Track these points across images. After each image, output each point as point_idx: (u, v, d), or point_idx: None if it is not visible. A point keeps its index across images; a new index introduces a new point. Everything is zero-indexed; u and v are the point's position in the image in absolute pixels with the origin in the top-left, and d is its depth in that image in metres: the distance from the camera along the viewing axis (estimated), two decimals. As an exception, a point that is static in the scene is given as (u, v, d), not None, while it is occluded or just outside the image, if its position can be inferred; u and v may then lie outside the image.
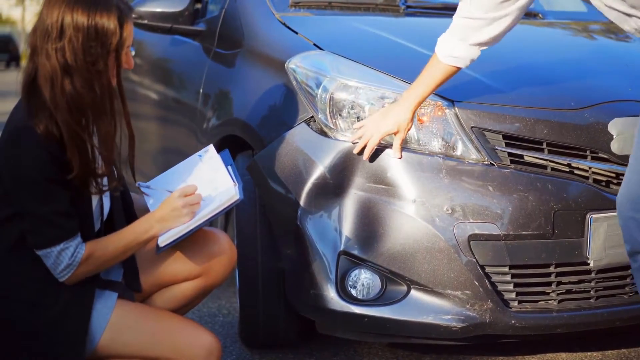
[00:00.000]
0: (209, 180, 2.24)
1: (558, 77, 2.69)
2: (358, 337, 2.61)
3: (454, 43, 2.38)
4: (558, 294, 2.48)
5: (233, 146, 2.80)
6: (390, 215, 2.40)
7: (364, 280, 2.44)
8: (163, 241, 2.11)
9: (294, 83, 2.63)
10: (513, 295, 2.43)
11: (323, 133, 2.52)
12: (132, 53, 2.11)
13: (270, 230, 2.63)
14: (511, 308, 2.42)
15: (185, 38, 3.57)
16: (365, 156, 2.41)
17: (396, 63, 2.66)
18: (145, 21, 3.40)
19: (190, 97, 3.39)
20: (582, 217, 2.42)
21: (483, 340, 2.52)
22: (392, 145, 2.42)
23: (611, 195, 2.43)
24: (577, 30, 3.37)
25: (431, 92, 2.42)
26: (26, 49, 2.07)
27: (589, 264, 2.46)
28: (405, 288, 2.42)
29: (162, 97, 3.88)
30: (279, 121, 2.65)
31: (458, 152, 2.45)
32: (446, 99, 2.48)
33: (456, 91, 2.49)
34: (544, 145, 2.46)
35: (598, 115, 2.50)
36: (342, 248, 2.42)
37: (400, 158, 2.40)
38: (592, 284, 2.50)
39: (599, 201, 2.44)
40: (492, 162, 2.43)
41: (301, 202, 2.48)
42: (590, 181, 2.46)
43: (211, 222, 2.23)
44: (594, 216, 2.42)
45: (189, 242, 2.21)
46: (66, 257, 2.01)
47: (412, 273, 2.38)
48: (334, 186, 2.45)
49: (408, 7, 3.32)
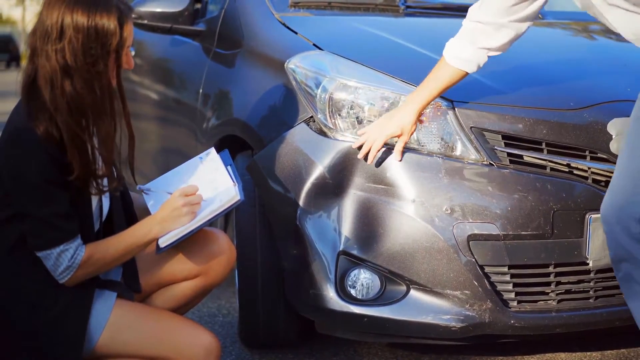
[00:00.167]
0: (209, 181, 2.24)
1: (557, 78, 2.69)
2: (357, 337, 2.61)
3: (462, 45, 2.38)
4: (557, 294, 2.48)
5: (233, 146, 2.80)
6: (389, 215, 2.40)
7: (364, 280, 2.44)
8: (163, 242, 2.11)
9: (294, 83, 2.63)
10: (512, 295, 2.43)
11: (322, 133, 2.52)
12: (132, 53, 2.10)
13: (269, 230, 2.63)
14: (510, 308, 2.42)
15: (185, 38, 3.57)
16: (369, 160, 2.41)
17: (395, 63, 2.66)
18: (145, 21, 3.41)
19: (190, 97, 3.38)
20: (582, 217, 2.43)
21: (482, 340, 2.52)
22: (395, 146, 2.42)
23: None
24: (577, 30, 3.36)
25: (436, 96, 2.42)
26: (26, 50, 2.07)
27: (588, 264, 2.46)
28: (404, 288, 2.42)
29: (162, 97, 3.88)
30: (279, 121, 2.65)
31: (457, 152, 2.45)
32: (445, 99, 2.48)
33: (456, 91, 2.48)
34: (543, 145, 2.46)
35: (597, 115, 2.50)
36: (342, 248, 2.42)
37: (400, 161, 2.41)
38: (592, 284, 2.50)
39: (598, 201, 2.41)
40: (492, 162, 2.43)
41: (301, 202, 2.48)
42: (589, 181, 2.46)
43: (211, 223, 2.23)
44: (593, 216, 2.42)
45: (189, 242, 2.22)
46: (66, 259, 2.01)
47: (412, 273, 2.39)
48: (334, 186, 2.45)
49: (407, 7, 3.32)
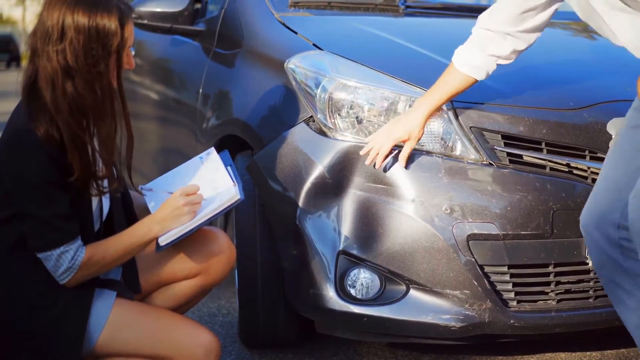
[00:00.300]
0: (209, 181, 2.25)
1: (557, 77, 2.69)
2: (357, 337, 2.61)
3: (472, 52, 2.38)
4: (557, 294, 2.48)
5: (232, 146, 2.80)
6: (389, 214, 2.40)
7: (363, 279, 2.44)
8: (163, 240, 2.11)
9: (293, 83, 2.63)
10: (512, 294, 2.43)
11: (322, 133, 2.52)
12: (132, 53, 2.10)
13: (269, 230, 2.63)
14: (510, 308, 2.42)
15: (185, 38, 3.58)
16: (377, 165, 2.41)
17: (395, 63, 2.66)
18: (145, 21, 3.41)
19: (189, 97, 3.39)
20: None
21: (482, 340, 2.52)
22: (401, 150, 2.41)
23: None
24: (577, 30, 3.36)
25: (444, 102, 2.42)
26: (27, 51, 2.07)
27: (588, 264, 2.46)
28: (404, 288, 2.42)
29: (162, 97, 3.88)
30: (279, 121, 2.65)
31: (457, 152, 2.45)
32: (445, 99, 2.48)
33: (455, 91, 2.48)
34: (543, 145, 2.46)
35: (597, 115, 2.50)
36: (342, 248, 2.42)
37: (405, 167, 2.40)
38: (591, 284, 2.50)
39: (598, 201, 2.44)
40: (491, 162, 2.43)
41: (300, 202, 2.48)
42: (589, 181, 2.45)
43: (210, 222, 2.23)
44: None
45: (189, 241, 2.22)
46: (66, 260, 2.01)
47: (411, 273, 2.39)
48: (333, 186, 2.45)
49: (407, 7, 3.32)
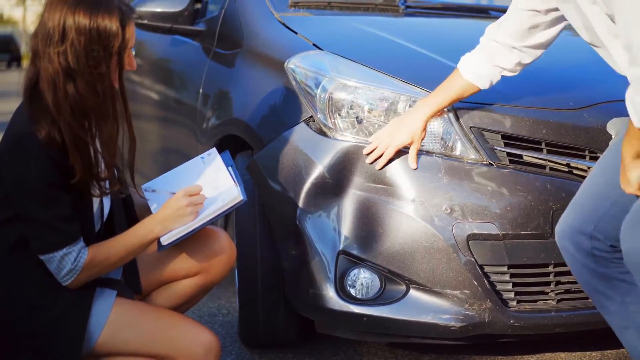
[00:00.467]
0: (211, 181, 2.25)
1: (557, 77, 2.69)
2: (357, 337, 2.61)
3: (478, 61, 2.38)
4: (557, 294, 2.48)
5: (233, 146, 2.80)
6: (389, 214, 2.40)
7: (363, 279, 2.44)
8: (165, 240, 2.12)
9: (293, 83, 2.63)
10: (512, 294, 2.43)
11: (322, 133, 2.52)
12: (133, 53, 2.10)
13: (269, 229, 2.63)
14: (510, 308, 2.42)
15: (185, 38, 3.58)
16: (378, 166, 2.41)
17: (395, 63, 2.66)
18: (145, 21, 3.41)
19: (190, 97, 3.39)
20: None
21: (482, 339, 2.52)
22: (402, 150, 2.42)
23: None
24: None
25: (446, 106, 2.43)
26: (28, 52, 2.07)
27: (588, 264, 2.46)
28: (404, 287, 2.42)
29: (162, 97, 3.88)
30: (279, 121, 2.65)
31: (457, 152, 2.45)
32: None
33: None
34: (543, 145, 2.46)
35: (596, 115, 2.50)
36: (341, 247, 2.42)
37: (416, 168, 2.40)
38: (591, 284, 2.50)
39: (598, 201, 2.44)
40: (491, 162, 2.43)
41: (300, 202, 2.48)
42: (589, 181, 2.46)
43: (212, 222, 2.23)
44: None
45: (190, 240, 2.22)
46: (69, 262, 2.01)
47: (411, 272, 2.39)
48: (333, 186, 2.45)
49: (407, 7, 3.32)
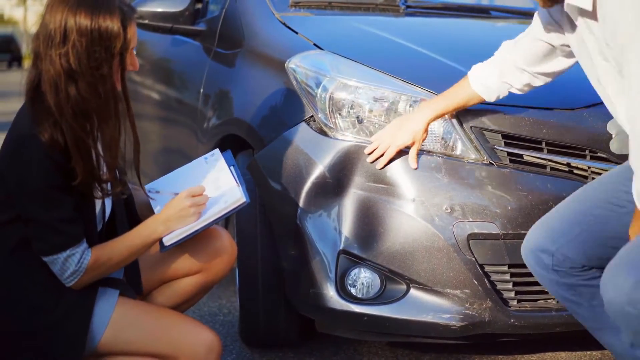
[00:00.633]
0: (213, 181, 2.25)
1: (557, 77, 2.68)
2: (358, 336, 2.61)
3: (489, 73, 2.39)
4: (557, 293, 2.48)
5: (233, 146, 2.80)
6: (389, 214, 2.40)
7: (364, 279, 2.44)
8: (168, 240, 2.12)
9: (294, 83, 2.64)
10: (512, 294, 2.43)
11: (323, 132, 2.52)
12: (135, 54, 2.10)
13: (270, 229, 2.64)
14: (510, 307, 2.42)
15: (185, 38, 3.58)
16: (379, 165, 2.41)
17: (396, 63, 2.66)
18: (146, 21, 3.41)
19: (190, 97, 3.39)
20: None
21: (482, 339, 2.52)
22: (403, 150, 2.42)
23: None
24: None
25: (449, 112, 2.43)
26: (29, 53, 2.07)
27: (588, 263, 2.46)
28: (404, 287, 2.42)
29: (163, 97, 3.88)
30: (279, 121, 2.65)
31: (457, 152, 2.45)
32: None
33: (456, 90, 2.49)
34: (543, 144, 2.47)
35: (597, 115, 2.50)
36: (342, 247, 2.42)
37: (416, 168, 2.41)
38: (591, 283, 2.50)
39: (598, 200, 2.44)
40: (492, 162, 2.43)
41: (301, 202, 2.48)
42: (589, 180, 2.45)
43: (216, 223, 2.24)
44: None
45: (191, 239, 2.21)
46: (72, 264, 2.01)
47: (412, 272, 2.39)
48: (334, 185, 2.45)
49: (408, 7, 3.33)
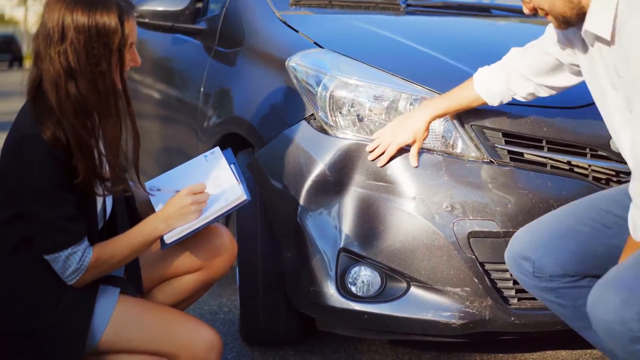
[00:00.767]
0: (214, 179, 2.25)
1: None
2: (358, 334, 2.61)
3: (494, 77, 2.38)
4: (557, 291, 2.48)
5: (233, 144, 2.81)
6: (390, 212, 2.40)
7: (364, 277, 2.44)
8: (169, 238, 2.12)
9: (294, 81, 2.64)
10: (512, 292, 2.43)
11: (323, 131, 2.52)
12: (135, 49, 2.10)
13: (270, 227, 2.64)
14: (511, 305, 2.42)
15: (186, 37, 3.58)
16: (380, 163, 2.41)
17: (396, 61, 2.66)
18: (146, 20, 3.41)
19: (191, 96, 3.39)
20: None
21: (483, 337, 2.52)
22: (404, 149, 2.42)
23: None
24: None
25: (451, 112, 2.43)
26: (30, 52, 2.07)
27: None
28: (405, 285, 2.42)
29: (163, 96, 3.88)
30: (280, 119, 2.66)
31: (458, 150, 2.45)
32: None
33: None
34: (544, 143, 2.46)
35: (597, 113, 2.48)
36: (342, 245, 2.42)
37: (417, 166, 2.41)
38: (592, 281, 2.50)
39: (599, 198, 2.44)
40: (492, 160, 2.43)
41: (301, 200, 2.48)
42: (590, 179, 2.45)
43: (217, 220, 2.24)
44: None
45: (191, 236, 2.21)
46: (74, 262, 2.02)
47: (412, 270, 2.39)
48: (334, 183, 2.45)
49: (408, 6, 3.33)
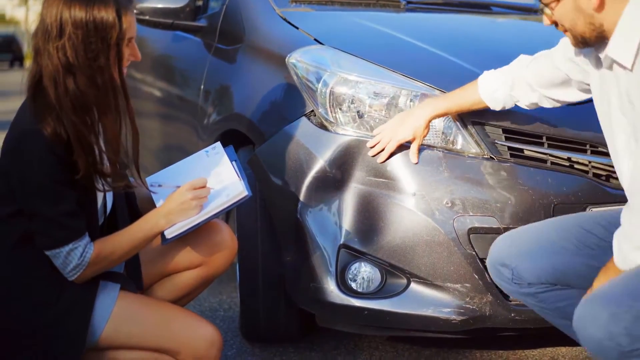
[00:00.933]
0: (215, 175, 2.26)
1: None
2: (358, 330, 2.61)
3: (500, 83, 2.37)
4: (558, 288, 2.48)
5: (234, 141, 2.80)
6: (390, 208, 2.40)
7: (364, 273, 2.44)
8: (169, 233, 2.13)
9: (295, 77, 2.64)
10: (513, 288, 2.43)
11: (323, 127, 2.52)
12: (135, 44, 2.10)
13: (270, 223, 2.64)
14: (511, 301, 2.41)
15: (186, 34, 3.58)
16: (380, 159, 2.41)
17: (396, 57, 2.66)
18: (146, 17, 3.41)
19: (191, 93, 3.39)
20: (582, 211, 2.42)
21: (483, 333, 2.52)
22: (404, 145, 2.42)
23: (611, 189, 2.43)
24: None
25: (452, 113, 2.42)
26: (30, 52, 2.08)
27: (589, 258, 2.46)
28: (405, 281, 2.42)
29: (164, 94, 3.88)
30: (280, 115, 2.66)
31: (458, 146, 2.45)
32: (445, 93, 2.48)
33: (457, 85, 2.48)
34: (544, 139, 2.46)
35: (598, 109, 2.50)
36: (342, 241, 2.42)
37: (416, 163, 2.41)
38: (592, 278, 2.50)
39: (599, 195, 2.44)
40: (492, 156, 2.43)
41: (301, 196, 2.48)
42: (590, 175, 2.45)
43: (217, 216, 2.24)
44: (594, 210, 2.42)
45: (191, 232, 2.21)
46: (75, 258, 2.02)
47: (412, 266, 2.39)
48: (334, 180, 2.45)
49: (409, 3, 3.33)
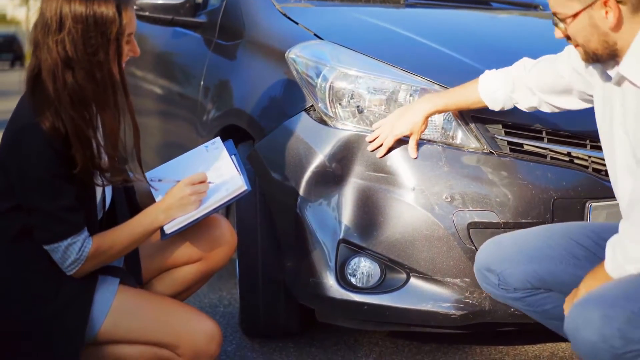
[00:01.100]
0: (214, 169, 2.26)
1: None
2: (358, 326, 2.61)
3: (501, 84, 2.37)
4: (557, 283, 2.48)
5: (233, 136, 2.80)
6: (389, 203, 2.40)
7: (364, 268, 2.44)
8: (169, 228, 2.13)
9: (294, 73, 2.63)
10: (512, 283, 2.43)
11: (323, 122, 2.52)
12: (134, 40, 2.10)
13: (270, 219, 2.64)
14: (510, 296, 2.42)
15: (186, 30, 3.58)
16: (379, 154, 2.41)
17: (396, 52, 2.65)
18: (146, 13, 3.41)
19: (191, 90, 3.39)
20: (582, 206, 2.42)
21: (482, 328, 2.52)
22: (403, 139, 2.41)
23: (611, 184, 2.43)
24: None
25: (450, 109, 2.42)
26: (30, 45, 2.08)
27: (589, 253, 2.45)
28: (404, 276, 2.42)
29: (163, 90, 3.88)
30: (279, 111, 2.65)
31: (458, 141, 2.45)
32: (446, 88, 2.48)
33: (456, 80, 2.48)
34: (544, 134, 2.46)
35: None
36: (342, 236, 2.42)
37: (416, 158, 2.40)
38: (592, 273, 2.49)
39: (599, 190, 2.44)
40: (492, 151, 2.43)
41: (301, 191, 2.48)
42: (589, 170, 2.45)
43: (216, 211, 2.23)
44: (594, 204, 2.42)
45: (191, 227, 2.21)
46: (74, 252, 2.02)
47: (412, 261, 2.39)
48: (334, 175, 2.45)
49: (408, -2, 3.33)
